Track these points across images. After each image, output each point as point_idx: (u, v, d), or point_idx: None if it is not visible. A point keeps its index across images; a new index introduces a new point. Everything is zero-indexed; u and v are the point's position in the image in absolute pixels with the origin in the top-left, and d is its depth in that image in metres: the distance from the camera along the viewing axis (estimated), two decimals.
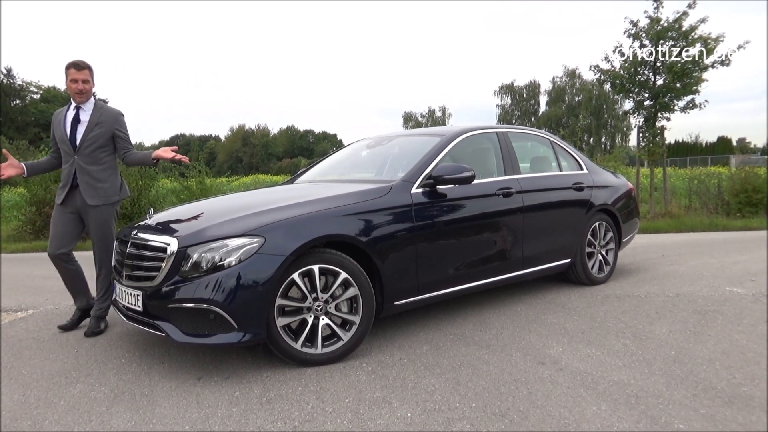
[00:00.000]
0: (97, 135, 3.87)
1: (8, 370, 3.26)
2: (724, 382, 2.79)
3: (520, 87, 65.40)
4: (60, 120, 3.92)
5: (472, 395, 2.71)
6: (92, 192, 3.86)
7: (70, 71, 3.80)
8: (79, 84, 3.80)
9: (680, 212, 11.52)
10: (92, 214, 3.87)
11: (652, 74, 11.16)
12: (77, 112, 3.89)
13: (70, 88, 3.82)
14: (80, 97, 3.84)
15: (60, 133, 3.89)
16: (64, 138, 3.86)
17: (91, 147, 3.86)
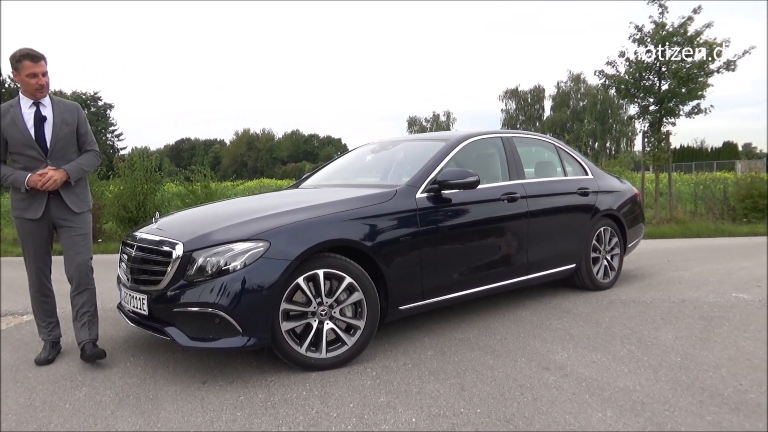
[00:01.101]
0: (67, 134, 3.38)
1: (14, 373, 3.27)
2: (730, 388, 2.77)
3: (524, 92, 65.51)
4: (12, 120, 3.26)
5: (477, 401, 2.70)
6: (75, 198, 3.41)
7: (24, 64, 3.20)
8: (39, 78, 3.24)
9: (686, 217, 11.47)
10: (77, 223, 3.41)
11: (657, 79, 11.14)
12: (38, 110, 3.32)
13: (26, 84, 3.24)
14: (41, 92, 3.30)
15: (18, 135, 3.26)
16: (29, 141, 3.27)
17: (63, 149, 3.36)
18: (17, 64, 3.21)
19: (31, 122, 3.29)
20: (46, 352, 3.49)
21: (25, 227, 3.36)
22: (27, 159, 3.30)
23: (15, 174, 3.26)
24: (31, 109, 3.30)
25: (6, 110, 3.28)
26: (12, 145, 3.29)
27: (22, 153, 3.29)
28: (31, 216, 3.32)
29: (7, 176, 3.29)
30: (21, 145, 3.28)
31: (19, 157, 3.31)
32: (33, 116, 3.29)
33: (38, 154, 3.30)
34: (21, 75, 3.22)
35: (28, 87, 3.26)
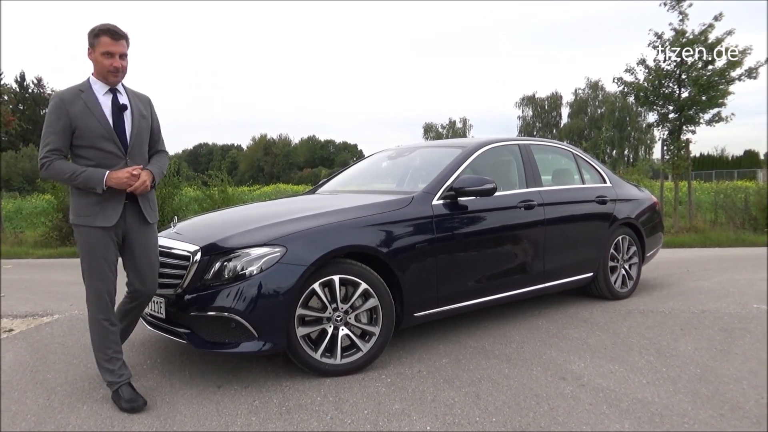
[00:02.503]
0: (144, 128, 2.90)
1: (33, 375, 3.31)
2: (752, 402, 2.72)
3: (541, 99, 65.20)
4: (86, 107, 2.72)
5: (492, 410, 2.68)
6: (148, 205, 2.92)
7: (101, 40, 2.71)
8: (115, 59, 2.73)
9: (705, 227, 11.30)
10: (151, 235, 2.97)
11: (676, 87, 11.02)
12: (115, 97, 2.82)
13: (100, 64, 2.73)
14: (115, 77, 2.78)
15: (95, 125, 2.72)
16: (109, 132, 2.74)
17: (140, 145, 2.89)
18: (94, 39, 2.74)
19: (109, 111, 2.78)
20: (130, 395, 2.78)
21: (93, 237, 2.77)
22: (102, 155, 2.74)
23: (88, 171, 2.69)
24: (107, 96, 2.80)
25: (74, 95, 2.73)
26: (84, 137, 2.72)
27: (97, 147, 2.73)
28: (102, 223, 2.75)
29: (77, 174, 2.69)
30: (98, 138, 2.73)
31: (91, 152, 2.73)
32: (111, 104, 2.80)
33: (117, 149, 2.77)
34: (95, 53, 2.73)
35: (101, 68, 2.74)
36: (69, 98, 2.72)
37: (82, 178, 2.69)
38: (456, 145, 4.43)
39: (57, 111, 2.70)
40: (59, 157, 2.72)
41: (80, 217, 2.77)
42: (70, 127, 2.70)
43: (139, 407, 2.73)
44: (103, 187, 2.70)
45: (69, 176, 2.70)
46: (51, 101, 2.75)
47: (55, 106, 2.71)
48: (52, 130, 2.71)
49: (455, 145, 4.40)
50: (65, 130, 2.71)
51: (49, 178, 2.76)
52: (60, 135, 2.70)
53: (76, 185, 2.74)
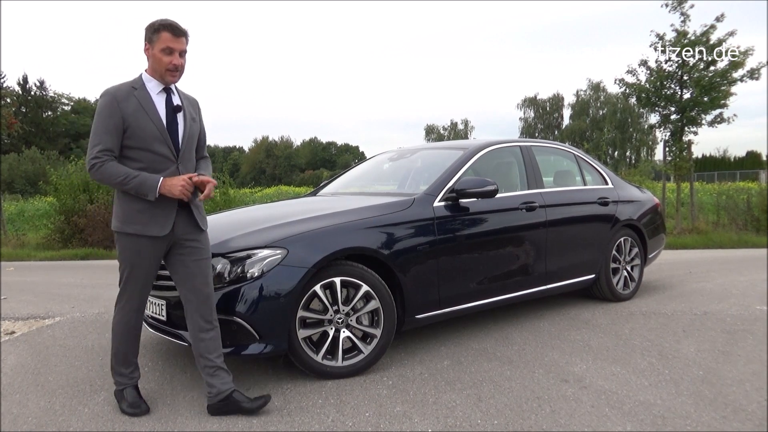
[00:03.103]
0: (194, 132, 2.73)
1: (35, 377, 3.31)
2: (754, 404, 2.71)
3: (543, 100, 65.20)
4: (140, 105, 2.55)
5: (494, 412, 2.67)
6: (199, 212, 2.73)
7: (161, 35, 2.54)
8: (174, 56, 2.57)
9: (708, 228, 11.28)
10: (203, 243, 2.76)
11: (678, 88, 11.01)
12: (169, 97, 2.65)
13: (157, 61, 2.56)
14: (173, 76, 2.60)
15: (149, 126, 2.56)
16: (163, 135, 2.58)
17: (190, 149, 2.71)
18: (153, 35, 2.56)
19: (163, 111, 2.61)
20: (134, 399, 2.76)
21: (139, 247, 2.60)
22: (154, 157, 2.57)
23: (141, 176, 2.51)
24: (161, 95, 2.62)
25: (126, 93, 2.55)
26: (135, 138, 2.54)
27: (149, 149, 2.56)
28: (154, 232, 2.58)
29: (130, 178, 2.51)
30: (151, 139, 2.56)
31: (142, 154, 2.56)
32: (164, 104, 2.63)
33: (170, 152, 2.60)
34: (154, 49, 2.55)
35: (158, 65, 2.56)
36: (122, 96, 2.54)
37: (135, 183, 2.51)
38: (457, 146, 4.43)
39: (109, 109, 2.52)
40: (110, 159, 2.53)
41: (128, 224, 2.58)
42: (122, 126, 2.52)
43: (141, 413, 2.72)
44: (155, 195, 2.53)
45: (121, 180, 2.50)
46: (102, 98, 2.55)
47: (107, 103, 2.52)
48: (103, 129, 2.51)
49: (457, 147, 4.40)
50: (117, 130, 2.52)
51: (99, 180, 2.57)
52: (112, 134, 2.51)
53: (126, 190, 2.55)
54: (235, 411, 2.68)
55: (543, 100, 65.20)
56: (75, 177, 11.28)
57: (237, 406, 2.68)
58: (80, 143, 52.29)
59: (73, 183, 11.18)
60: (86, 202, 10.88)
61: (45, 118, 54.49)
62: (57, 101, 56.87)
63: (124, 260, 2.65)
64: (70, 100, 58.33)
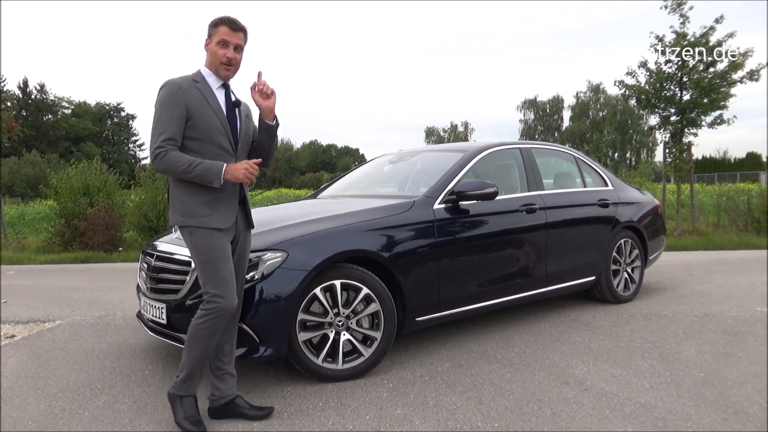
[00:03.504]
0: (248, 129, 2.73)
1: (35, 380, 3.31)
2: (756, 406, 2.70)
3: (543, 102, 65.26)
4: (202, 96, 2.54)
5: (495, 414, 2.67)
6: (249, 210, 2.77)
7: (219, 29, 2.55)
8: (229, 50, 2.55)
9: (708, 229, 11.27)
10: (247, 241, 2.76)
11: (678, 89, 11.01)
12: (228, 92, 2.65)
13: (213, 55, 2.55)
14: (227, 70, 2.58)
15: (212, 117, 2.54)
16: (224, 127, 2.58)
17: (244, 146, 2.70)
18: (212, 29, 2.58)
19: (223, 105, 2.61)
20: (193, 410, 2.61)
21: (214, 239, 2.53)
22: (215, 150, 2.55)
23: (205, 163, 2.47)
24: (220, 90, 2.62)
25: (189, 84, 2.54)
26: (198, 129, 2.52)
27: (211, 141, 2.54)
28: (219, 225, 2.53)
29: (193, 166, 2.45)
30: (214, 131, 2.54)
31: (204, 146, 2.53)
32: (224, 98, 2.63)
33: (230, 145, 2.59)
34: (212, 42, 2.57)
35: (214, 58, 2.56)
36: (185, 86, 2.52)
37: (199, 170, 2.45)
38: (457, 149, 4.43)
39: (173, 98, 2.48)
40: (174, 148, 2.48)
41: (193, 218, 2.52)
42: (186, 116, 2.49)
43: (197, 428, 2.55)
44: (221, 181, 2.47)
45: (185, 168, 2.45)
46: (164, 88, 2.52)
47: (171, 92, 2.49)
48: (167, 118, 2.47)
49: (456, 149, 4.40)
50: (181, 119, 2.49)
51: (163, 170, 2.50)
52: (176, 124, 2.48)
53: (190, 178, 2.48)
54: (236, 416, 2.68)
55: (543, 102, 65.29)
56: (75, 180, 11.28)
57: (239, 412, 2.68)
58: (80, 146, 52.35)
59: (74, 186, 11.18)
60: (87, 206, 10.88)
61: (45, 121, 54.53)
62: (57, 105, 56.89)
63: (199, 256, 2.53)
64: (71, 104, 58.34)
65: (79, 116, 56.97)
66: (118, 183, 11.92)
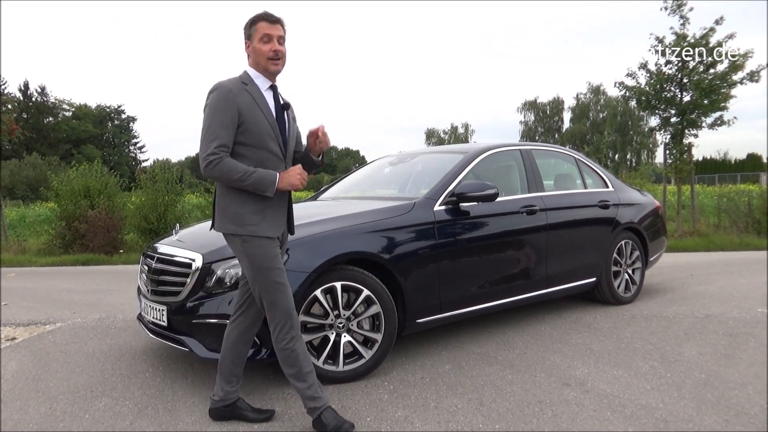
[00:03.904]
0: (295, 132, 2.66)
1: (35, 383, 3.31)
2: (757, 407, 2.70)
3: (543, 103, 65.20)
4: (253, 100, 2.45)
5: (496, 416, 2.66)
6: (292, 215, 2.70)
7: (258, 26, 2.45)
8: (274, 43, 2.46)
9: (709, 231, 11.27)
10: (283, 247, 2.70)
11: (678, 90, 11.02)
12: (276, 94, 2.56)
13: (258, 53, 2.45)
14: (275, 64, 2.48)
15: (263, 122, 2.46)
16: (275, 132, 2.49)
17: (291, 150, 2.61)
18: (250, 29, 2.47)
19: (273, 108, 2.51)
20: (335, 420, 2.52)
21: (268, 248, 2.46)
22: (266, 156, 2.46)
23: (259, 172, 2.39)
24: (269, 92, 2.52)
25: (239, 87, 2.44)
26: (249, 134, 2.43)
27: (263, 146, 2.45)
28: (269, 233, 2.46)
29: (248, 174, 2.38)
30: (265, 136, 2.45)
31: (255, 152, 2.44)
32: (273, 101, 2.53)
33: (280, 151, 2.50)
34: (253, 42, 2.46)
35: (260, 56, 2.45)
36: (236, 89, 2.42)
37: (254, 179, 2.37)
38: (458, 150, 4.44)
39: (225, 102, 2.39)
40: (227, 155, 2.39)
41: (244, 226, 2.44)
42: (237, 120, 2.40)
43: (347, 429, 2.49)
44: (274, 190, 2.42)
45: (239, 176, 2.36)
46: (215, 92, 2.42)
47: (222, 96, 2.39)
48: (219, 124, 2.37)
49: (457, 151, 4.40)
50: (233, 124, 2.39)
51: (216, 177, 2.41)
52: (228, 129, 2.38)
53: (243, 186, 2.40)
54: (237, 419, 2.68)
55: (543, 104, 65.24)
56: (76, 183, 11.30)
57: (240, 414, 2.68)
58: (81, 149, 52.39)
59: (74, 189, 11.19)
60: (87, 208, 10.90)
61: (46, 124, 54.60)
62: (58, 107, 56.96)
63: (255, 266, 2.45)
64: (71, 106, 58.41)
65: (80, 119, 57.02)
66: (118, 185, 11.94)
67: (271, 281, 2.45)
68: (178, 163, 66.63)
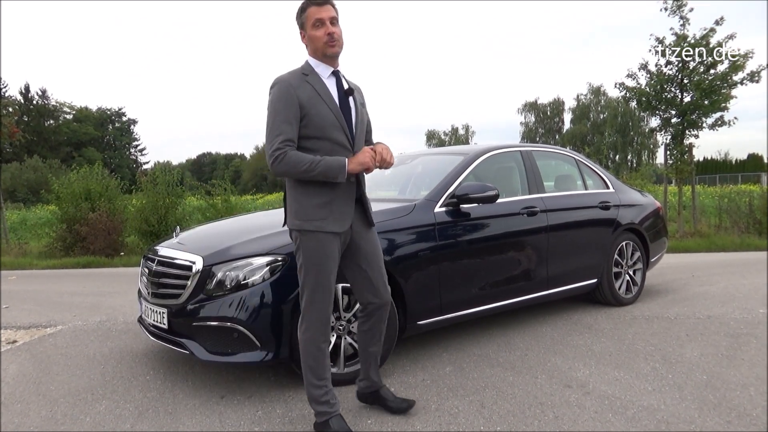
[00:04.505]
0: (363, 118, 2.57)
1: (36, 386, 3.31)
2: (759, 408, 2.69)
3: (543, 105, 65.22)
4: (314, 91, 2.41)
5: (497, 418, 2.66)
6: (369, 206, 2.61)
7: (308, 12, 2.41)
8: (327, 26, 2.40)
9: (710, 231, 11.25)
10: (374, 240, 2.63)
11: (679, 91, 11.01)
12: (339, 80, 2.50)
13: (314, 39, 2.41)
14: (332, 47, 2.42)
15: (326, 113, 2.41)
16: (339, 121, 2.44)
17: (360, 138, 2.53)
18: (301, 17, 2.44)
19: (336, 96, 2.46)
20: (341, 427, 2.49)
21: (324, 245, 2.42)
22: (331, 146, 2.42)
23: (326, 159, 2.36)
24: (331, 79, 2.48)
25: (299, 79, 2.42)
26: (312, 126, 2.40)
27: (328, 137, 2.41)
28: (335, 228, 2.42)
29: (316, 163, 2.34)
30: (329, 126, 2.41)
31: (320, 144, 2.41)
32: (336, 88, 2.48)
33: (346, 139, 2.44)
34: (307, 29, 2.43)
35: (317, 42, 2.41)
36: (296, 83, 2.40)
37: (322, 167, 2.33)
38: (458, 152, 4.43)
39: (286, 97, 2.37)
40: (292, 148, 2.37)
41: (309, 221, 2.40)
42: (300, 114, 2.38)
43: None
44: (345, 176, 2.37)
45: (307, 167, 2.33)
46: (275, 87, 2.42)
47: (283, 91, 2.38)
48: (282, 119, 2.36)
49: (457, 152, 4.40)
50: (296, 118, 2.37)
51: (283, 172, 2.39)
52: (291, 124, 2.37)
53: (312, 177, 2.36)
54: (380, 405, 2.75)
55: (543, 105, 65.25)
56: (77, 185, 11.31)
57: (383, 402, 2.73)
58: (82, 151, 52.46)
59: (75, 191, 11.20)
60: (88, 211, 10.90)
61: (47, 126, 54.66)
62: (59, 110, 57.04)
63: (306, 262, 2.42)
64: (72, 109, 58.48)
65: (81, 121, 57.07)
66: (119, 188, 11.95)
67: (316, 281, 2.42)
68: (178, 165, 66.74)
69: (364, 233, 2.56)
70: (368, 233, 2.59)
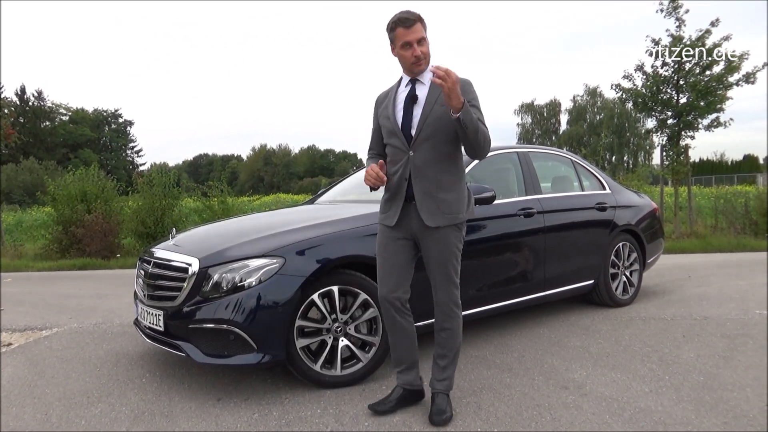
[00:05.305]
0: (441, 116, 2.56)
1: (31, 389, 3.29)
2: (756, 409, 2.69)
3: (540, 106, 65.26)
4: (388, 103, 2.70)
5: (494, 420, 2.65)
6: (432, 207, 2.61)
7: (396, 33, 2.54)
8: (414, 48, 2.54)
9: (706, 232, 11.28)
10: (432, 243, 2.65)
11: (675, 92, 11.04)
12: (413, 87, 2.65)
13: (402, 58, 2.59)
14: (419, 66, 2.59)
15: (385, 122, 2.69)
16: (394, 127, 2.64)
17: (432, 136, 2.59)
18: (391, 35, 2.58)
19: (402, 104, 2.65)
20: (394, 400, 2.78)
21: (382, 236, 2.76)
22: (392, 150, 2.69)
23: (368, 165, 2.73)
24: (407, 87, 2.66)
25: (385, 94, 2.78)
26: (384, 134, 2.73)
27: (389, 143, 2.70)
28: (387, 222, 2.72)
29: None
30: (388, 133, 2.68)
31: (387, 149, 2.73)
32: (406, 96, 2.65)
33: (401, 143, 2.63)
34: (396, 48, 2.58)
35: (404, 61, 2.60)
36: (381, 98, 2.81)
37: None
38: None
39: (373, 112, 2.84)
40: (371, 156, 2.89)
41: (380, 215, 2.81)
42: (377, 125, 2.81)
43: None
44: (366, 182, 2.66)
45: None
46: None
47: (373, 108, 2.85)
48: (372, 130, 2.88)
49: None
50: (377, 130, 2.82)
51: None
52: (374, 134, 2.86)
53: None
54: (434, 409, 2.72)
55: (540, 106, 65.28)
56: (73, 187, 11.26)
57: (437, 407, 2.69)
58: (78, 153, 52.34)
59: (71, 193, 11.15)
60: (84, 212, 10.86)
61: (43, 128, 54.54)
62: (55, 111, 56.91)
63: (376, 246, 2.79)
64: (68, 110, 58.36)
65: (77, 123, 56.96)
66: (115, 189, 11.90)
67: (378, 261, 2.76)
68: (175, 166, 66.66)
69: (422, 233, 2.67)
70: (427, 233, 2.65)
